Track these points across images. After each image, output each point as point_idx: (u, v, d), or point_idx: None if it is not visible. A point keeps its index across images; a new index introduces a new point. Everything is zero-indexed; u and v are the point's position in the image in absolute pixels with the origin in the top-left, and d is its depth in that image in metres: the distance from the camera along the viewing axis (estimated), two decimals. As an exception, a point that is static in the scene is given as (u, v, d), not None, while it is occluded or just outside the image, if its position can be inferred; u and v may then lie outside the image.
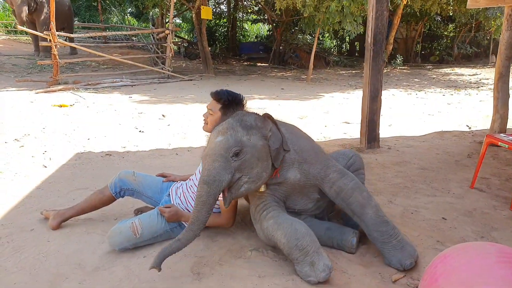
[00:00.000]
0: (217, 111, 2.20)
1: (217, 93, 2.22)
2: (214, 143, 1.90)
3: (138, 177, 2.47)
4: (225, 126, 1.94)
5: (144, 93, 8.31)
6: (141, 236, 2.12)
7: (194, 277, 1.89)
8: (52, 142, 4.38)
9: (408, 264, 1.92)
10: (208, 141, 1.99)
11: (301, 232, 1.89)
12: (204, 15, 11.35)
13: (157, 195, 2.46)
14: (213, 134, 1.96)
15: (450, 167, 3.58)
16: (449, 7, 11.94)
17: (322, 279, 1.81)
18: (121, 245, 2.10)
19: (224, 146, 1.87)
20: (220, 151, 1.86)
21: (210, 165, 1.85)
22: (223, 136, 1.89)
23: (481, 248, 1.37)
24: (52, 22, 7.98)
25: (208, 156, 1.88)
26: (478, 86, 10.67)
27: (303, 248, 1.86)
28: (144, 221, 2.16)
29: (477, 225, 2.38)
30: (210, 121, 2.23)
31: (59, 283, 1.85)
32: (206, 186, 1.82)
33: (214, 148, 1.88)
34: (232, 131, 1.91)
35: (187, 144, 4.59)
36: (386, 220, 2.02)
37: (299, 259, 1.87)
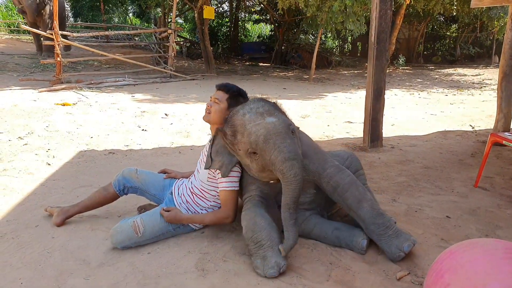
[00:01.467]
0: (224, 101, 2.20)
1: (225, 85, 2.26)
2: (270, 124, 1.88)
3: (141, 175, 2.48)
4: (265, 107, 1.96)
5: (146, 92, 8.32)
6: (143, 235, 2.12)
7: (198, 273, 1.89)
8: (55, 140, 4.39)
9: (406, 246, 1.94)
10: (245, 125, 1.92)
11: (259, 226, 1.94)
12: (207, 14, 11.36)
13: (160, 192, 2.47)
14: (253, 117, 1.92)
15: (454, 166, 3.57)
16: (453, 7, 11.91)
17: (269, 275, 1.82)
18: (122, 243, 2.11)
19: (284, 125, 1.90)
20: (283, 129, 1.88)
21: (284, 142, 1.85)
22: (273, 117, 1.91)
23: (488, 244, 1.37)
24: (55, 21, 8.00)
25: (275, 135, 1.86)
26: (481, 87, 10.65)
27: (258, 241, 1.91)
28: (146, 220, 2.16)
29: (482, 224, 2.38)
30: (215, 110, 2.20)
31: (65, 279, 1.86)
32: (295, 162, 1.83)
33: (274, 128, 1.87)
34: (276, 112, 1.96)
35: (190, 143, 4.60)
36: (381, 212, 2.05)
37: (253, 251, 1.92)
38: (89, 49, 9.72)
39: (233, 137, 2.00)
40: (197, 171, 2.33)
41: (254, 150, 1.91)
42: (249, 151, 1.93)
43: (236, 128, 1.97)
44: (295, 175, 1.83)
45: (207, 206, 2.27)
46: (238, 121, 1.97)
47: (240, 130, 1.94)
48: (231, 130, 2.01)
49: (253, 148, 1.91)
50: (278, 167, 1.85)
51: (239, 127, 1.95)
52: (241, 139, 1.95)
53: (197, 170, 2.35)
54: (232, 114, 2.05)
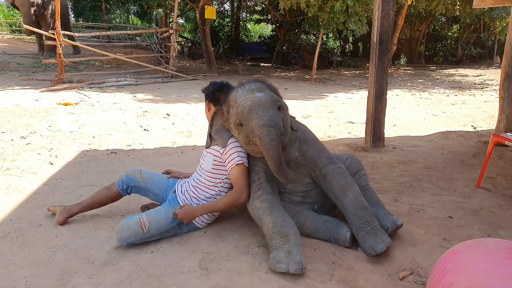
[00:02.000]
0: (211, 107, 2.37)
1: (205, 89, 2.43)
2: (257, 97, 2.01)
3: (145, 175, 2.49)
4: (257, 85, 2.10)
5: (148, 92, 8.34)
6: (149, 231, 2.13)
7: (202, 272, 1.90)
8: (58, 140, 4.40)
9: (379, 248, 1.94)
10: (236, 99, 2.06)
11: (288, 224, 1.98)
12: (208, 15, 11.37)
13: (163, 192, 2.49)
14: (244, 93, 2.06)
15: (456, 166, 3.58)
16: (455, 7, 11.89)
17: (293, 271, 1.80)
18: (128, 239, 2.12)
19: (270, 99, 2.02)
20: (268, 102, 2.00)
21: (265, 112, 1.97)
22: (262, 93, 2.04)
23: (491, 244, 1.38)
24: (57, 21, 8.02)
25: (258, 106, 1.98)
26: (483, 87, 10.64)
27: (286, 235, 1.92)
28: (152, 217, 2.17)
29: (484, 224, 2.38)
30: (205, 112, 2.44)
31: (69, 278, 1.87)
32: (273, 129, 1.94)
33: (260, 101, 2.00)
34: (267, 89, 2.09)
35: (192, 143, 4.61)
36: (365, 206, 2.07)
37: (278, 245, 1.92)
38: (91, 49, 9.74)
39: (227, 112, 2.15)
40: (201, 165, 2.37)
41: (240, 122, 2.04)
42: (236, 123, 2.06)
43: (229, 103, 2.12)
44: (272, 140, 1.92)
45: (214, 194, 2.29)
46: (232, 96, 2.12)
47: (232, 104, 2.09)
48: (226, 107, 2.17)
49: (239, 119, 2.04)
50: (256, 133, 1.96)
51: (232, 102, 2.10)
52: (231, 112, 2.09)
53: (200, 165, 2.38)
54: (229, 93, 2.20)
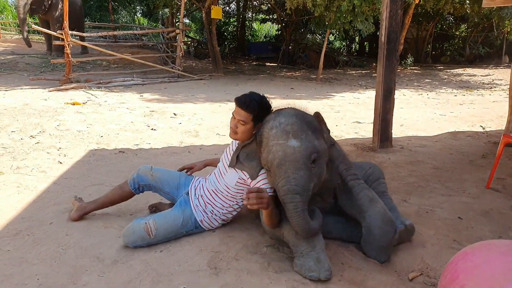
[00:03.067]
0: (249, 121, 2.08)
1: (246, 105, 2.06)
2: (290, 148, 1.82)
3: (156, 173, 2.48)
4: (295, 127, 1.87)
5: (155, 92, 8.37)
6: (155, 237, 2.13)
7: (211, 272, 1.90)
8: (66, 139, 4.44)
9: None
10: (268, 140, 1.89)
11: (312, 228, 1.89)
12: (214, 14, 11.39)
13: (175, 190, 2.47)
14: (278, 135, 1.87)
15: (465, 167, 3.55)
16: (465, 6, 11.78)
17: (324, 278, 1.79)
18: (134, 243, 2.13)
19: (305, 153, 1.82)
20: (302, 158, 1.82)
21: (295, 173, 1.80)
22: (298, 141, 1.84)
23: (504, 245, 1.36)
24: (65, 21, 8.08)
25: (290, 162, 1.81)
26: (491, 87, 10.56)
27: (312, 241, 1.87)
28: (159, 222, 2.16)
29: (494, 225, 2.37)
30: (242, 130, 2.10)
31: (79, 275, 1.88)
32: (299, 196, 1.79)
33: (293, 154, 1.81)
34: (304, 134, 1.87)
35: (199, 142, 4.62)
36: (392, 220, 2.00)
37: (304, 252, 1.87)
38: (98, 48, 9.80)
39: (260, 146, 2.01)
40: (222, 173, 2.27)
41: (268, 169, 1.92)
42: (265, 166, 1.95)
43: (262, 139, 1.97)
44: (295, 208, 1.79)
45: (232, 204, 2.27)
46: (265, 133, 1.95)
47: (265, 143, 1.94)
48: (259, 139, 2.02)
49: (268, 167, 1.92)
50: (280, 195, 1.85)
51: (264, 139, 1.94)
52: (263, 152, 1.95)
53: (221, 173, 2.28)
54: (265, 121, 2.02)
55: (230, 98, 7.92)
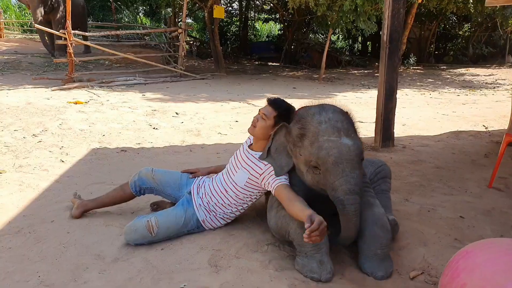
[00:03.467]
0: (271, 117, 2.12)
1: (275, 101, 2.16)
2: (345, 146, 1.76)
3: (157, 175, 2.47)
4: (344, 124, 1.85)
5: (157, 91, 8.38)
6: (157, 235, 2.13)
7: (211, 270, 1.91)
8: (68, 138, 4.45)
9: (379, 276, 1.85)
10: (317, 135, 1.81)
11: None
12: (217, 14, 11.39)
13: (177, 192, 2.46)
14: (329, 130, 1.80)
15: (467, 166, 3.54)
16: (469, 5, 11.72)
17: (325, 280, 1.79)
18: (136, 241, 2.13)
19: (358, 152, 1.80)
20: (356, 157, 1.78)
21: (353, 172, 1.76)
22: (350, 139, 1.80)
23: (505, 244, 1.36)
24: (68, 20, 8.10)
25: (346, 161, 1.75)
26: (494, 87, 10.51)
27: (317, 244, 1.82)
28: (161, 220, 2.16)
29: (496, 224, 2.36)
30: (261, 126, 2.13)
31: (80, 273, 1.89)
32: (358, 197, 1.76)
33: (349, 153, 1.76)
34: (352, 132, 1.85)
35: (201, 141, 4.63)
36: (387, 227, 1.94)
37: (309, 253, 1.85)
38: (101, 48, 9.82)
39: (299, 140, 1.89)
40: (232, 173, 2.26)
41: (317, 165, 1.81)
42: (311, 164, 1.83)
43: (306, 132, 1.86)
44: (356, 210, 1.75)
45: (238, 204, 2.25)
46: (312, 127, 1.85)
47: (311, 137, 1.83)
48: (299, 132, 1.90)
49: (317, 164, 1.80)
50: (338, 196, 1.76)
51: (311, 134, 1.84)
52: (308, 147, 1.84)
53: (230, 171, 2.28)
54: (304, 114, 1.94)
55: (232, 97, 7.92)
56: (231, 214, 2.29)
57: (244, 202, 2.26)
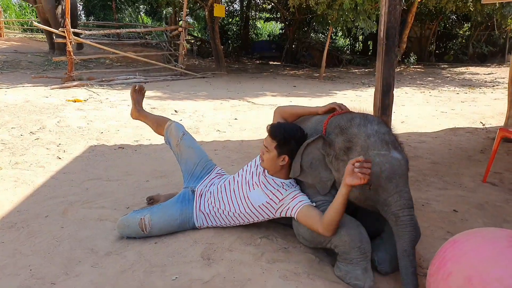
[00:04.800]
0: (272, 149, 1.99)
1: (272, 130, 2.01)
2: (396, 160, 1.72)
3: (182, 145, 2.41)
4: (392, 137, 1.81)
5: (157, 89, 8.40)
6: (149, 233, 2.13)
7: (204, 262, 1.91)
8: (66, 135, 4.46)
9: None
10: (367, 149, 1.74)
11: (365, 237, 1.81)
12: (217, 13, 11.40)
13: (186, 174, 2.38)
14: (378, 144, 1.74)
15: (463, 162, 3.54)
16: (469, 3, 11.70)
17: (368, 287, 1.75)
18: (129, 235, 2.16)
19: (407, 166, 1.78)
20: (406, 171, 1.76)
21: (406, 187, 1.73)
22: (398, 153, 1.76)
23: (491, 233, 1.36)
24: (67, 19, 8.13)
25: (399, 176, 1.71)
26: (494, 85, 10.50)
27: (364, 252, 1.78)
28: (155, 219, 2.13)
29: (489, 218, 2.36)
30: (266, 158, 2.03)
31: (73, 266, 1.90)
32: (413, 210, 1.73)
33: (400, 167, 1.72)
34: (399, 145, 1.82)
35: (199, 139, 4.63)
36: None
37: (355, 261, 1.78)
38: (101, 46, 9.84)
39: (345, 154, 1.81)
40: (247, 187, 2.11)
41: (368, 181, 1.71)
42: None
43: (354, 146, 1.79)
44: (411, 220, 1.70)
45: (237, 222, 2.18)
46: (359, 140, 1.78)
47: (360, 152, 1.76)
48: (345, 146, 1.82)
49: (369, 179, 1.71)
50: (393, 211, 1.70)
51: (359, 148, 1.77)
52: (353, 157, 1.75)
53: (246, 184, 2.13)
54: (348, 125, 1.85)
55: (232, 95, 7.93)
56: (229, 224, 2.20)
57: (250, 218, 2.13)
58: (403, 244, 1.69)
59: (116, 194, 2.82)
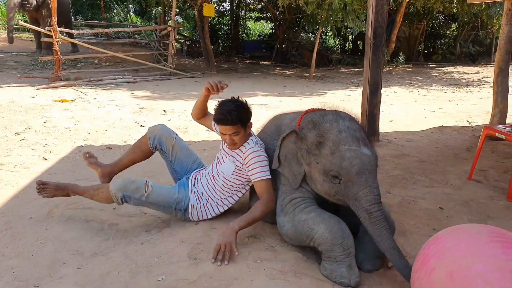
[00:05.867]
0: (240, 129, 2.09)
1: (228, 120, 2.06)
2: (365, 156, 1.76)
3: (176, 147, 2.44)
4: (362, 134, 1.86)
5: (146, 89, 8.33)
6: (148, 195, 2.14)
7: (190, 262, 1.90)
8: (53, 136, 4.40)
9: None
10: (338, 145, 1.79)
11: (346, 232, 1.82)
12: (206, 12, 11.35)
13: (183, 173, 2.46)
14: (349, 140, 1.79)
15: (449, 160, 3.58)
16: (452, 5, 11.87)
17: (354, 285, 1.74)
18: (126, 191, 2.11)
19: (375, 161, 1.82)
20: (375, 166, 1.81)
21: (375, 182, 1.77)
22: (368, 149, 1.81)
23: (473, 229, 1.38)
24: (53, 17, 8.01)
25: (368, 171, 1.75)
26: (480, 84, 10.65)
27: (347, 248, 1.78)
28: (155, 187, 2.19)
29: (474, 214, 2.39)
30: (239, 139, 2.12)
31: (57, 268, 1.87)
32: (382, 205, 1.77)
33: (369, 164, 1.77)
34: (368, 141, 1.86)
35: (188, 138, 4.61)
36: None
37: (338, 258, 1.78)
38: (89, 46, 9.73)
39: (317, 148, 1.85)
40: (219, 163, 2.31)
41: (338, 175, 1.77)
42: (331, 173, 1.79)
43: (325, 141, 1.83)
44: (381, 215, 1.74)
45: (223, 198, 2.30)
46: (331, 135, 1.82)
47: (331, 146, 1.80)
48: (316, 140, 1.86)
49: (339, 173, 1.77)
50: (363, 206, 1.73)
51: (331, 143, 1.81)
52: (327, 156, 1.80)
53: (218, 162, 2.32)
54: (320, 121, 1.91)
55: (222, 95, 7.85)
56: (220, 208, 2.30)
57: (232, 192, 2.28)
58: (387, 242, 1.70)
59: (103, 195, 2.79)
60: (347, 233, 1.83)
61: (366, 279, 1.82)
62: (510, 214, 2.42)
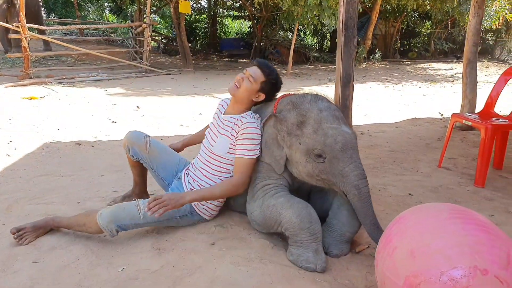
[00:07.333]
0: (258, 82, 1.99)
1: (266, 65, 2.02)
2: (347, 133, 1.76)
3: (153, 151, 2.18)
4: (340, 113, 1.87)
5: (120, 86, 8.15)
6: (144, 216, 1.87)
7: (154, 253, 1.84)
8: (18, 133, 4.23)
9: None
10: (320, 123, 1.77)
11: (314, 217, 1.80)
12: (183, 9, 11.21)
13: (171, 178, 2.22)
14: (330, 119, 1.78)
15: (420, 149, 3.62)
16: (426, 2, 12.12)
17: (320, 270, 1.72)
18: (119, 221, 1.86)
19: (356, 139, 1.82)
20: (356, 144, 1.82)
21: (358, 158, 1.77)
22: (347, 127, 1.81)
23: (434, 207, 1.37)
24: (21, 13, 7.73)
25: (352, 147, 1.76)
26: (453, 80, 10.91)
27: (314, 233, 1.76)
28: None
29: (442, 200, 2.42)
30: (246, 87, 1.98)
31: (11, 263, 1.78)
32: (367, 181, 1.77)
33: (352, 141, 1.77)
34: (346, 121, 1.87)
35: (161, 134, 4.51)
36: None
37: (305, 243, 1.76)
38: (61, 43, 9.45)
39: (298, 128, 1.82)
40: (210, 145, 2.08)
41: (322, 153, 1.75)
42: (315, 152, 1.76)
43: (307, 120, 1.81)
44: (368, 192, 1.76)
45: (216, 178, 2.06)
46: (313, 114, 1.81)
47: (313, 125, 1.78)
48: (297, 120, 1.83)
49: (323, 151, 1.74)
50: (352, 181, 1.71)
51: (313, 121, 1.79)
52: (310, 135, 1.78)
53: (209, 143, 2.09)
54: (300, 101, 1.89)
55: (198, 92, 7.80)
56: None
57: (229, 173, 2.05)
58: (372, 219, 1.76)
59: (68, 189, 2.69)
60: (315, 218, 1.80)
61: (333, 264, 1.80)
62: (476, 198, 2.46)
